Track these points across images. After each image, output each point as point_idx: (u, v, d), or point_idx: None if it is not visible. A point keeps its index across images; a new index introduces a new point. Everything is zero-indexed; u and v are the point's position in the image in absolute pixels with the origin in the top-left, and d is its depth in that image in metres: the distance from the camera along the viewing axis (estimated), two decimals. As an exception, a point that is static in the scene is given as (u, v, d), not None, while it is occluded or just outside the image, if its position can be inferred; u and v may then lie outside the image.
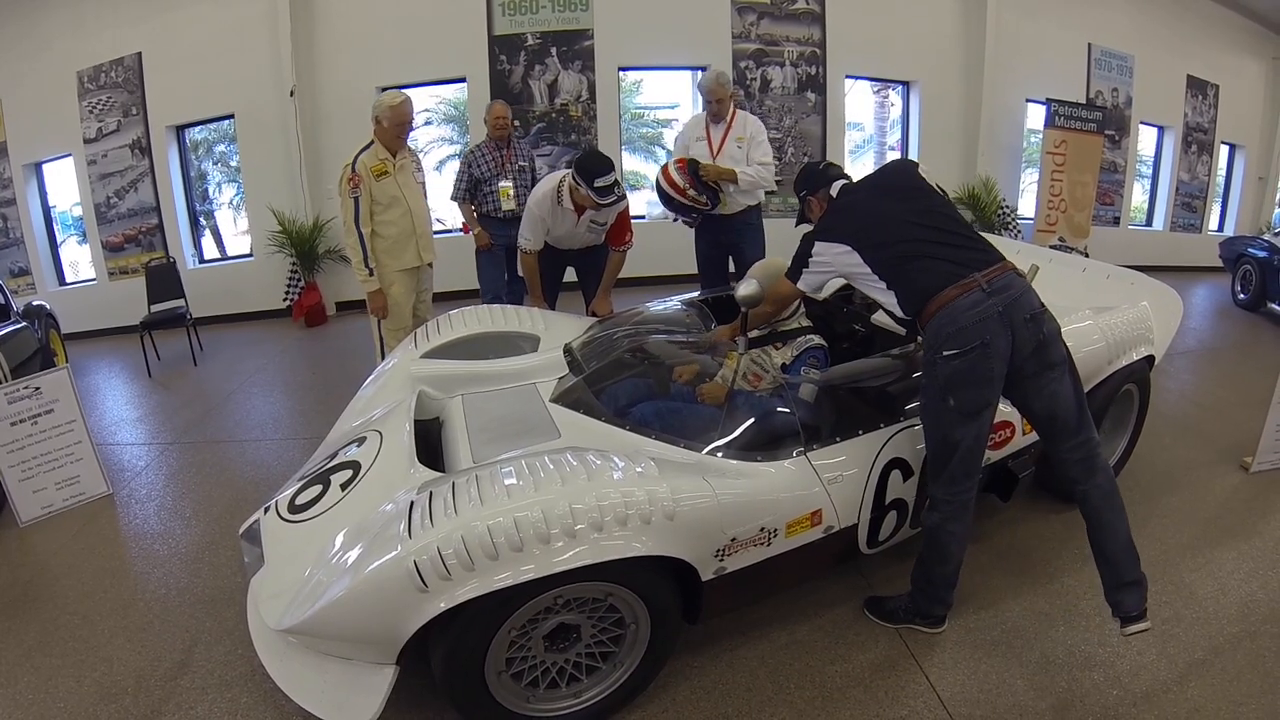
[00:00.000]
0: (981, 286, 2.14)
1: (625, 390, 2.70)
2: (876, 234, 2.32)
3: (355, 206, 3.86)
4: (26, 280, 7.70)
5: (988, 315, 2.12)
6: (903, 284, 2.26)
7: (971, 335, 2.12)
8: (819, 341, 2.89)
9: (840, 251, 2.36)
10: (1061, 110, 8.43)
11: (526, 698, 2.09)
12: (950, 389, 2.18)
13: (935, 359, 2.19)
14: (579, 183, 3.69)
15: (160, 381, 5.73)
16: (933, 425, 2.30)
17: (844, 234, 2.37)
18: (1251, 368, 5.49)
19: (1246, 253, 7.59)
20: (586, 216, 3.95)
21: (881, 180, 2.55)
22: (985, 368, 2.15)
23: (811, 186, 2.70)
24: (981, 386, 2.18)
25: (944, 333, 2.15)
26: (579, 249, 4.29)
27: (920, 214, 2.31)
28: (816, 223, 2.56)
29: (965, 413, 2.20)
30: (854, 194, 2.51)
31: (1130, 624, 2.24)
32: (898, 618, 2.56)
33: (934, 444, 2.31)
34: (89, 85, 7.29)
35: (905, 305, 2.27)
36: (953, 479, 2.28)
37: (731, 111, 4.40)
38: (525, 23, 7.48)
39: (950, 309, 2.14)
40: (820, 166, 2.71)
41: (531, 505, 1.85)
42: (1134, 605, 2.24)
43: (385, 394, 2.97)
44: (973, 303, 2.13)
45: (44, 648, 2.62)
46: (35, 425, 3.53)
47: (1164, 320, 3.43)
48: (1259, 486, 3.54)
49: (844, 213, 2.46)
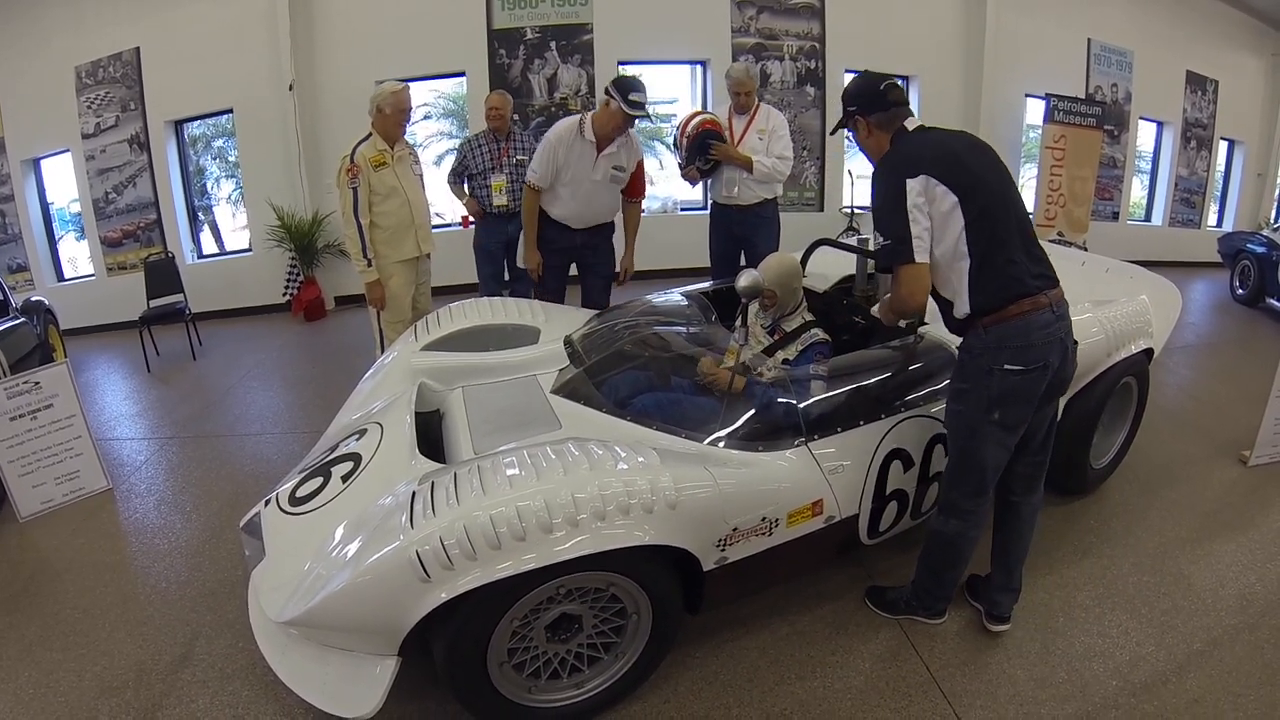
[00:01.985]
0: (1052, 308, 2.07)
1: (626, 381, 2.70)
2: (982, 191, 1.99)
3: (354, 197, 3.87)
4: (25, 276, 7.67)
5: (1053, 338, 2.07)
6: (989, 266, 2.02)
7: (1038, 355, 2.05)
8: (823, 337, 2.89)
9: (941, 194, 1.98)
10: (1061, 105, 8.42)
11: (528, 688, 2.09)
12: (1000, 403, 2.09)
13: (992, 369, 2.07)
14: (613, 95, 3.61)
15: (159, 376, 5.72)
16: (967, 435, 2.20)
17: (949, 176, 1.97)
18: (1249, 363, 5.50)
19: (1245, 248, 7.59)
20: (607, 159, 3.81)
21: (970, 141, 2.14)
22: (1039, 387, 2.10)
23: (865, 106, 2.18)
24: (1028, 403, 2.12)
25: (1011, 345, 2.04)
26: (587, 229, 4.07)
27: (1011, 204, 2.07)
28: (897, 151, 2.12)
29: (1006, 427, 2.14)
30: (944, 139, 2.10)
31: (997, 623, 2.48)
32: (899, 609, 2.56)
33: (966, 454, 2.22)
34: (87, 81, 7.26)
35: (979, 293, 2.05)
36: (980, 491, 2.26)
37: (755, 104, 4.39)
38: (524, 17, 7.46)
39: (1024, 322, 2.03)
40: (880, 86, 2.15)
41: (534, 494, 1.85)
42: (1007, 608, 2.47)
43: (386, 387, 2.97)
44: (1045, 322, 2.05)
45: (44, 642, 2.62)
46: (35, 420, 3.52)
47: (1163, 314, 3.44)
48: (1257, 480, 3.56)
49: (938, 154, 2.02)
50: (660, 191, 8.46)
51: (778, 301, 2.93)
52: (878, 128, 2.18)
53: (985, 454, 2.18)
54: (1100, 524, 3.14)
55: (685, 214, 8.24)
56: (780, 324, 2.95)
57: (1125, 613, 2.60)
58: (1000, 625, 2.47)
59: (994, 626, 2.47)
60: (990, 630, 2.48)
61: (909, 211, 2.00)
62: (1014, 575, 2.44)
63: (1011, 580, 2.45)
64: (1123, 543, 3.02)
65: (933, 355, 2.72)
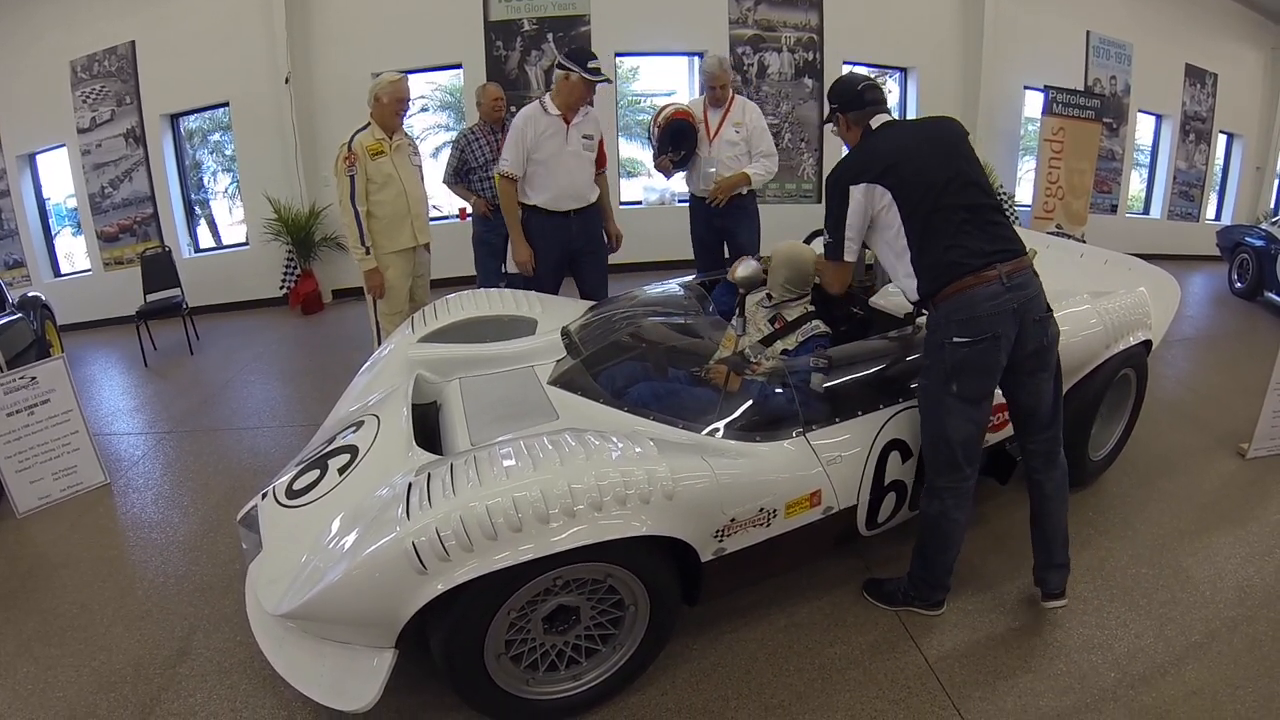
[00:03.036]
0: (1002, 280, 2.13)
1: (623, 372, 2.69)
2: (918, 188, 2.18)
3: (351, 185, 3.87)
4: (21, 272, 7.64)
5: (1002, 309, 2.13)
6: (927, 255, 2.18)
7: (984, 326, 2.12)
8: (824, 329, 2.89)
9: (879, 194, 2.20)
10: (1059, 97, 8.41)
11: (526, 680, 2.09)
12: (955, 375, 2.18)
13: (944, 343, 2.18)
14: (571, 66, 3.61)
15: (157, 371, 5.71)
16: (932, 410, 2.29)
17: (886, 178, 2.19)
18: (1248, 355, 5.50)
19: (1244, 241, 7.59)
20: (576, 129, 3.81)
21: (931, 131, 2.34)
22: (992, 358, 2.17)
23: (844, 104, 2.42)
24: (985, 375, 2.20)
25: (956, 319, 2.15)
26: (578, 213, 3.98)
27: (962, 184, 2.20)
28: (850, 157, 2.37)
29: (966, 399, 2.21)
30: (898, 136, 2.31)
31: (1052, 599, 2.45)
32: (896, 600, 2.56)
33: (933, 430, 2.30)
34: (82, 75, 7.22)
35: (922, 278, 2.21)
36: (954, 466, 2.29)
37: (730, 97, 4.37)
38: (521, 8, 7.43)
39: (968, 296, 2.13)
40: (859, 86, 2.40)
41: (530, 485, 1.84)
42: (1057, 584, 2.44)
43: (383, 379, 2.96)
44: (990, 294, 2.12)
45: (42, 638, 2.61)
46: (31, 415, 3.51)
47: (1161, 306, 3.43)
48: (1255, 472, 3.56)
49: (886, 154, 2.25)
50: (659, 184, 8.43)
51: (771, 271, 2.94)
52: (854, 124, 2.42)
53: (949, 427, 2.24)
54: (1098, 516, 3.14)
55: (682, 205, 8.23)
56: (781, 312, 2.95)
57: (1123, 604, 2.60)
58: (1055, 601, 2.44)
59: (1047, 604, 2.46)
60: (1046, 607, 2.46)
61: (848, 218, 2.27)
62: (1054, 552, 2.44)
63: (1054, 557, 2.44)
64: (1121, 535, 3.02)
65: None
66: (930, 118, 2.43)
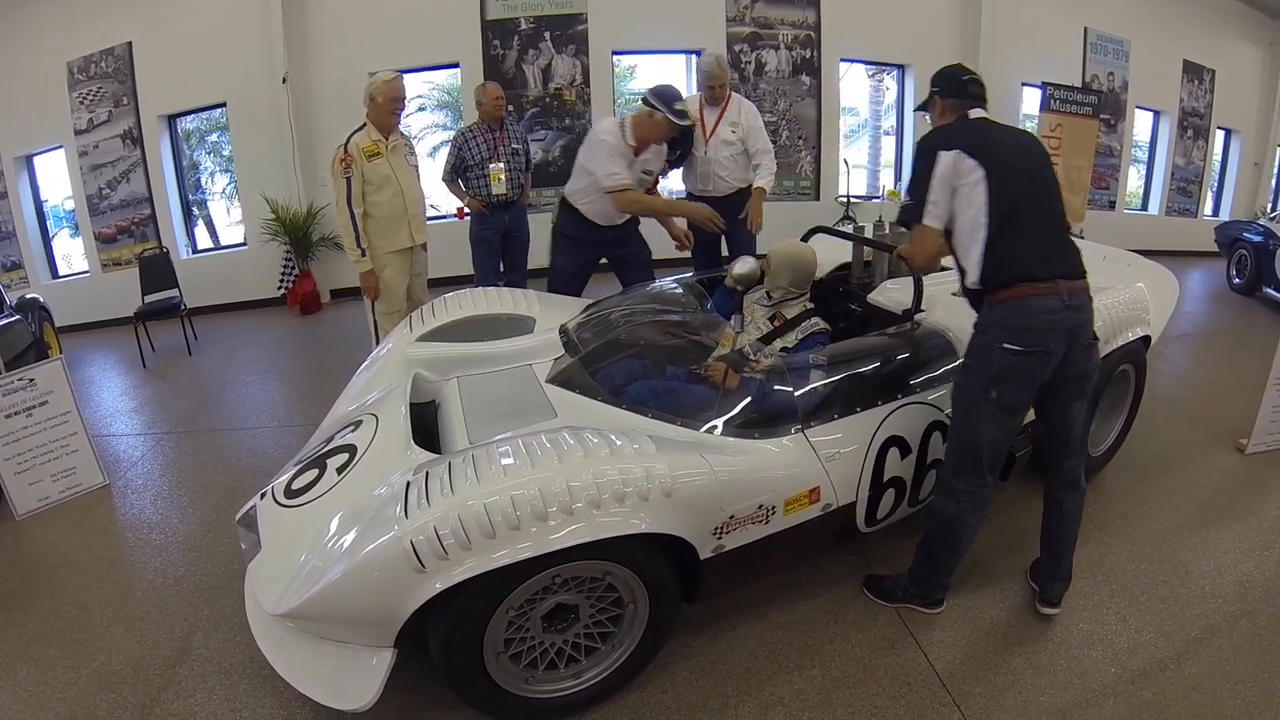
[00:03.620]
0: (1062, 296, 2.11)
1: (621, 370, 2.69)
2: (1009, 176, 2.14)
3: (347, 187, 3.87)
4: (19, 274, 7.63)
5: (1058, 326, 2.12)
6: (1001, 245, 2.14)
7: (1038, 338, 2.11)
8: (823, 326, 2.89)
9: (969, 168, 2.14)
10: (1057, 94, 8.38)
11: (525, 679, 2.09)
12: (998, 381, 2.16)
13: (993, 346, 2.16)
14: (657, 107, 3.56)
15: (155, 372, 5.70)
16: (965, 413, 2.27)
17: (979, 154, 2.15)
18: (1246, 351, 5.50)
19: (1242, 237, 7.59)
20: (640, 163, 3.80)
21: (1025, 139, 2.34)
22: (1039, 371, 2.16)
23: (946, 89, 2.40)
24: (1027, 387, 2.20)
25: (1011, 325, 2.12)
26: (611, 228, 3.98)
27: (1046, 193, 2.23)
28: (946, 127, 2.34)
29: (1004, 407, 2.20)
30: (996, 129, 2.29)
31: (1048, 606, 2.51)
32: (895, 597, 2.56)
33: (964, 433, 2.28)
34: (79, 76, 7.21)
35: (988, 267, 2.16)
36: (977, 471, 2.28)
37: (727, 96, 4.36)
38: (518, 7, 7.42)
39: (1026, 305, 2.11)
40: (964, 77, 2.38)
41: (528, 483, 1.84)
42: (1057, 595, 2.51)
43: (381, 378, 2.95)
44: (1048, 308, 2.10)
45: (42, 639, 2.61)
46: (30, 417, 3.50)
47: (1160, 301, 3.43)
48: (1254, 468, 3.56)
49: (983, 135, 2.22)
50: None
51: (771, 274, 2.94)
52: (950, 111, 2.38)
53: (981, 432, 2.22)
54: (1097, 512, 3.13)
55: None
56: (781, 310, 2.95)
57: (1123, 600, 2.60)
58: (1050, 609, 2.50)
59: (1044, 609, 2.51)
60: (1041, 612, 2.51)
61: (932, 180, 2.19)
62: (1061, 564, 2.48)
63: (1060, 568, 2.49)
64: (1120, 530, 3.02)
65: (929, 342, 2.72)
66: (1021, 129, 2.45)
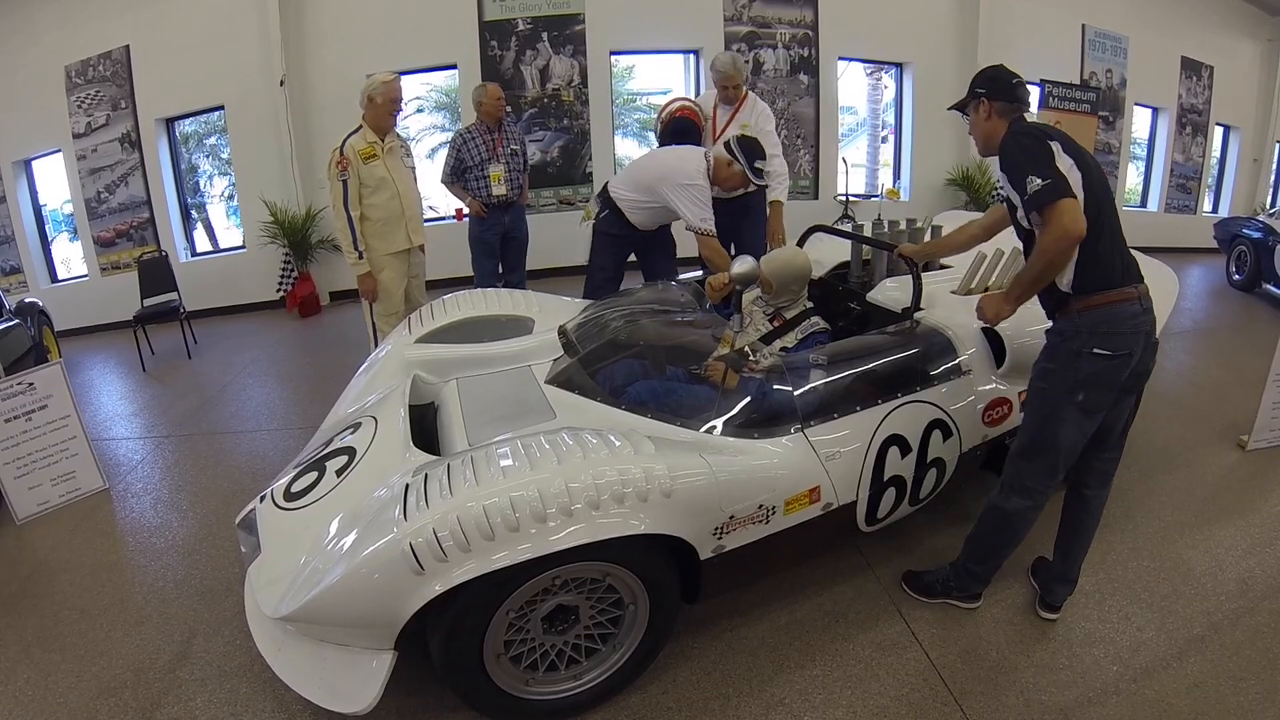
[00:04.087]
0: (1140, 301, 2.15)
1: (621, 370, 2.68)
2: (1099, 182, 2.11)
3: (343, 189, 3.87)
4: (19, 278, 7.64)
5: (1141, 330, 2.15)
6: (1090, 255, 2.11)
7: (1125, 343, 2.13)
8: (823, 325, 2.88)
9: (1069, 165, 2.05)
10: (1056, 91, 8.40)
11: (526, 680, 2.08)
12: (1085, 386, 2.17)
13: (1081, 352, 2.15)
14: (737, 158, 3.57)
15: (154, 375, 5.70)
16: (1048, 415, 2.25)
17: (1076, 156, 2.09)
18: (1247, 348, 5.49)
19: (1241, 233, 7.58)
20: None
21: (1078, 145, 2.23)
22: (1122, 375, 2.18)
23: (994, 92, 2.30)
24: (1110, 391, 2.20)
25: (1100, 331, 2.13)
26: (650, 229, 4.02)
27: (1113, 198, 2.19)
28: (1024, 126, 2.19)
29: (1087, 410, 2.20)
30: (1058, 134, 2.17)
31: (1049, 610, 2.52)
32: (935, 592, 2.58)
33: (1043, 434, 2.26)
34: (77, 80, 7.21)
35: (1080, 278, 2.13)
36: (1051, 472, 2.29)
37: (743, 95, 4.29)
38: (516, 7, 7.42)
39: (1116, 310, 2.12)
40: (1013, 80, 2.29)
41: (527, 484, 1.84)
42: (1060, 598, 2.52)
43: (380, 380, 2.95)
44: (1133, 313, 2.13)
45: (42, 643, 2.60)
46: (29, 421, 3.50)
47: (1160, 298, 3.39)
48: (1255, 464, 3.56)
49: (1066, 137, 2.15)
50: None
51: (773, 291, 2.93)
52: (999, 114, 2.29)
53: (1062, 435, 2.22)
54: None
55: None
56: (780, 310, 2.96)
57: (1125, 598, 2.60)
58: (1050, 614, 2.51)
59: (1045, 614, 2.51)
60: (1041, 616, 2.51)
61: (1055, 158, 2.04)
62: (1073, 566, 2.49)
63: (1070, 570, 2.50)
64: (1121, 528, 3.02)
65: (930, 341, 2.71)
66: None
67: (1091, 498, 2.44)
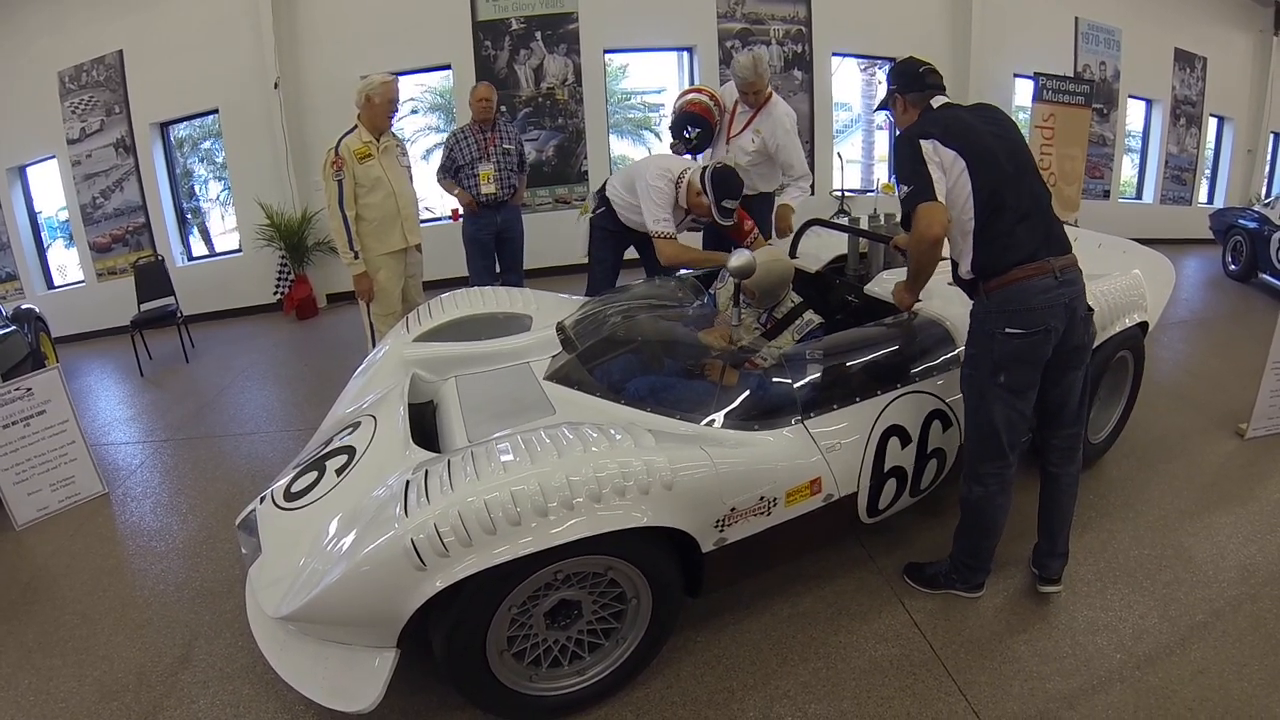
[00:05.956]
0: (1055, 274, 2.15)
1: (620, 366, 2.68)
2: (988, 161, 2.14)
3: (339, 189, 3.87)
4: (15, 285, 7.62)
5: (1055, 303, 2.16)
6: (988, 238, 2.16)
7: (1038, 319, 2.15)
8: (819, 321, 2.88)
9: (950, 157, 2.13)
10: (1049, 84, 8.38)
11: (529, 676, 2.08)
12: (1004, 366, 2.20)
13: (994, 333, 2.19)
14: (706, 192, 3.46)
15: (152, 380, 5.69)
16: (978, 400, 2.30)
17: (955, 142, 2.14)
18: (1244, 337, 5.51)
19: (1237, 224, 7.60)
20: (689, 219, 3.80)
21: (988, 115, 2.31)
22: (1042, 351, 2.19)
23: (904, 85, 2.39)
24: (1033, 367, 2.22)
25: (1009, 309, 2.16)
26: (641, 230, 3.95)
27: (1021, 173, 2.20)
28: (917, 122, 2.31)
29: (1013, 390, 2.23)
30: (963, 113, 2.27)
31: (1048, 584, 2.53)
32: (938, 583, 2.58)
33: (978, 419, 2.32)
34: (70, 85, 7.19)
35: (979, 261, 2.19)
36: (1000, 454, 2.31)
37: (765, 98, 4.09)
38: (509, 7, 7.41)
39: (1022, 288, 2.14)
40: (919, 69, 2.37)
41: (528, 478, 1.83)
42: (1057, 571, 2.52)
43: (379, 379, 2.95)
44: (1044, 287, 2.14)
45: (44, 648, 2.60)
46: (28, 427, 3.49)
47: (1156, 287, 3.43)
48: (1254, 452, 3.56)
49: (954, 123, 2.20)
50: None
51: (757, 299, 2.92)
52: (912, 105, 2.38)
53: (995, 416, 2.25)
54: (1099, 498, 3.14)
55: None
56: (770, 312, 2.95)
57: (1127, 586, 2.60)
58: (1050, 586, 2.52)
59: (1044, 588, 2.53)
60: (1040, 591, 2.53)
61: (926, 163, 2.14)
62: (1058, 540, 2.50)
63: (1056, 545, 2.51)
64: (1122, 517, 3.02)
65: (928, 331, 2.71)
66: (983, 104, 2.42)
67: (1060, 475, 2.46)
